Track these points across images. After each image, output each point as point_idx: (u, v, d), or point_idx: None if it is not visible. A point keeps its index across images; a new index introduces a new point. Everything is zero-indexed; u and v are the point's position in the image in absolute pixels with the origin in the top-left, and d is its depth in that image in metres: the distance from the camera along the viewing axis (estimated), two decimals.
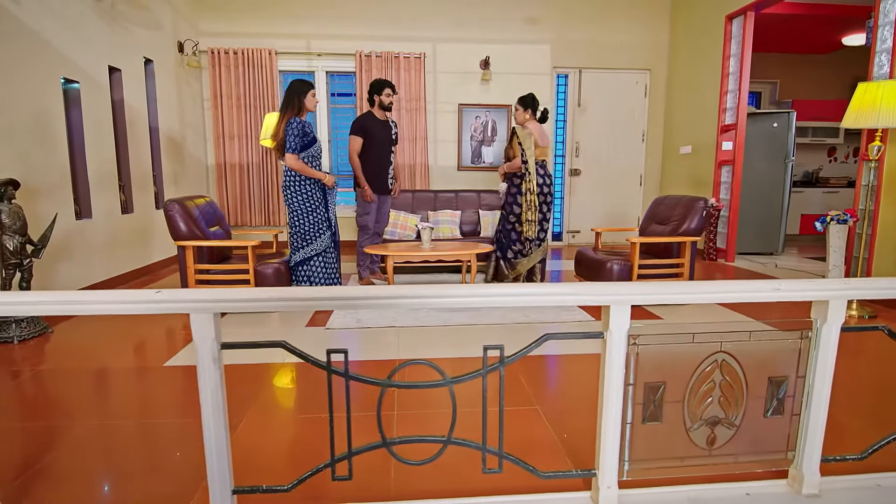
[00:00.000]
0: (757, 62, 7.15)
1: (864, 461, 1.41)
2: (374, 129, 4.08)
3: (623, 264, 3.49)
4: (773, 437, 1.38)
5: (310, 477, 1.28)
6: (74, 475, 1.60)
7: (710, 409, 1.34)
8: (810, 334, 1.33)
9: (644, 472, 1.36)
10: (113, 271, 3.97)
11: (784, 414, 1.37)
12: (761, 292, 1.25)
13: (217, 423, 1.22)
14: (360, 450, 1.27)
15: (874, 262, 3.56)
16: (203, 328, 1.18)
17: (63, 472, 1.60)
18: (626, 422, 1.32)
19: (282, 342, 1.22)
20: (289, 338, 2.88)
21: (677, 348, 1.31)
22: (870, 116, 2.99)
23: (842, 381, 2.31)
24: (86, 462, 1.67)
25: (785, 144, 5.56)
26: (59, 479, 1.57)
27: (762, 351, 1.33)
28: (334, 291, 1.24)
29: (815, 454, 1.37)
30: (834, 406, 2.01)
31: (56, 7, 3.36)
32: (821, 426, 1.36)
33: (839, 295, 1.28)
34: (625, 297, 1.23)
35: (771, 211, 5.63)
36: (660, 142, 6.52)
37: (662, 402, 1.33)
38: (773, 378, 1.35)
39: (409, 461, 1.28)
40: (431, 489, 1.49)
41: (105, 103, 3.91)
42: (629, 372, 1.30)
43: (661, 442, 1.35)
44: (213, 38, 5.70)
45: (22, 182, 3.06)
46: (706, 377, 1.32)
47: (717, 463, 1.37)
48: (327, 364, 1.23)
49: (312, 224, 3.34)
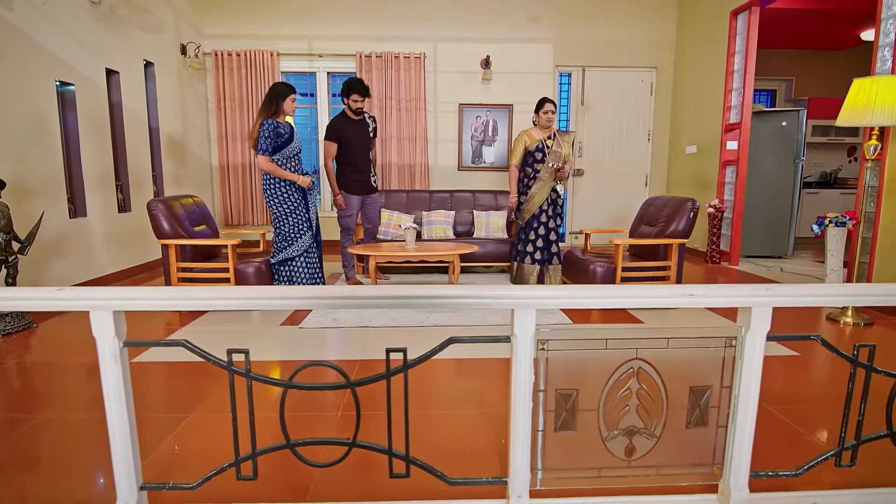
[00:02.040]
0: (771, 59, 6.94)
1: (799, 478, 1.34)
2: (349, 131, 3.92)
3: (606, 266, 3.41)
4: (697, 450, 1.32)
5: (214, 476, 1.28)
6: (9, 464, 1.64)
7: (628, 418, 1.29)
8: (734, 343, 1.27)
9: (559, 482, 1.31)
10: (109, 268, 4.08)
11: (709, 425, 1.31)
12: (673, 298, 1.19)
13: (121, 421, 1.23)
14: (264, 450, 1.27)
15: (875, 267, 3.39)
16: (103, 326, 1.19)
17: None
18: (537, 429, 1.29)
19: (182, 341, 1.23)
20: (259, 336, 2.95)
21: (590, 354, 1.26)
22: (864, 114, 2.85)
23: (798, 393, 2.21)
24: (27, 453, 1.71)
25: (794, 143, 5.35)
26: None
27: (682, 359, 1.27)
28: (231, 292, 1.23)
29: (743, 469, 1.30)
30: (778, 419, 1.94)
31: (51, 12, 3.47)
32: (748, 439, 1.29)
33: (763, 302, 1.21)
34: (529, 300, 1.19)
35: (779, 213, 5.43)
36: (666, 141, 6.36)
37: (576, 410, 1.28)
38: (695, 388, 1.29)
39: (313, 463, 1.27)
40: (338, 492, 1.48)
41: (102, 105, 4.02)
42: (539, 378, 1.26)
43: (576, 451, 1.30)
44: (218, 40, 5.81)
45: (15, 182, 3.17)
46: (621, 385, 1.27)
47: (637, 475, 1.32)
48: (228, 363, 1.22)
49: (293, 225, 3.37)
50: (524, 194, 3.76)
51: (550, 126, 3.72)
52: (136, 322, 3.13)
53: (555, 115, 3.68)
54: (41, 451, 1.74)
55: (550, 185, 3.67)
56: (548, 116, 3.65)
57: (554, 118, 3.68)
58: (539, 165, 3.68)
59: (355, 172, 4.00)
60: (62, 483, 1.56)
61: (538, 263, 3.77)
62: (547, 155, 3.67)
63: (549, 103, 3.66)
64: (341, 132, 3.89)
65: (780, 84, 7.01)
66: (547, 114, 3.65)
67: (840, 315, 3.18)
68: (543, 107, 3.67)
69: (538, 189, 3.68)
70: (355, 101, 3.84)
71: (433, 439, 1.81)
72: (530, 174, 3.72)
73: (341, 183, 3.99)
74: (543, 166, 3.66)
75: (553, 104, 3.66)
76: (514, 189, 3.83)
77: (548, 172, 3.65)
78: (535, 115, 3.77)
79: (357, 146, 3.94)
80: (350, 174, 3.99)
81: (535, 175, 3.69)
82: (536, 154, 3.70)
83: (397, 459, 1.28)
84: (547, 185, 3.67)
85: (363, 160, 4.00)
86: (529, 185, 3.72)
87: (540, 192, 3.68)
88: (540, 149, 3.69)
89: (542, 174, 3.66)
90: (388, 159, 6.00)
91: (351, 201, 4.01)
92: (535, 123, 3.81)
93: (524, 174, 3.77)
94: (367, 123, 4.03)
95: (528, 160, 3.74)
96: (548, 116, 3.65)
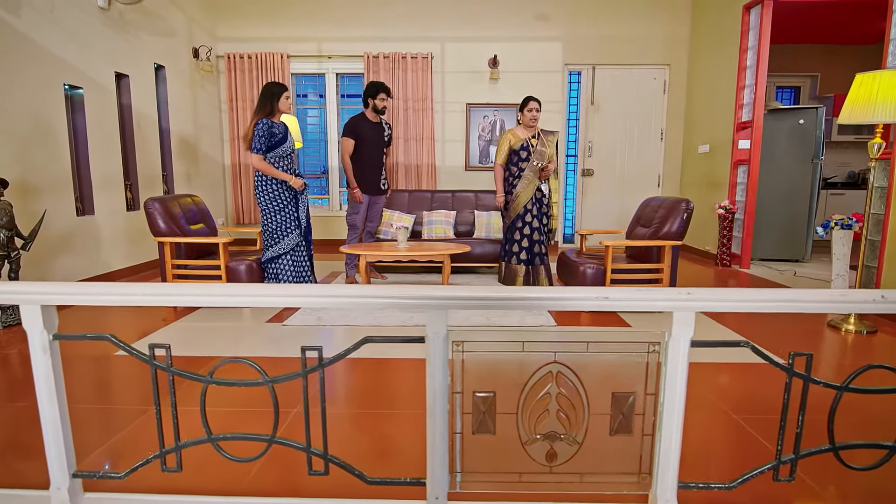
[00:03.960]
0: (795, 54, 6.66)
1: (733, 491, 1.28)
2: (365, 131, 4.16)
3: (596, 268, 3.35)
4: (623, 458, 1.28)
5: (141, 467, 1.32)
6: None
7: (548, 423, 1.26)
8: (658, 349, 1.23)
9: (480, 486, 1.30)
10: (117, 265, 4.24)
11: (634, 433, 1.27)
12: (587, 301, 1.16)
13: (52, 410, 1.28)
14: (187, 444, 1.30)
15: (883, 272, 3.22)
16: (33, 319, 1.24)
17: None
18: (454, 431, 1.27)
19: (107, 335, 1.27)
20: (241, 333, 3.01)
21: (507, 357, 1.24)
22: (865, 110, 2.71)
23: (750, 403, 2.11)
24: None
25: (813, 142, 5.12)
26: None
27: (603, 364, 1.24)
28: (160, 289, 1.26)
29: (671, 479, 1.26)
30: (723, 428, 1.87)
31: (59, 18, 3.63)
32: (675, 448, 1.24)
33: (683, 307, 1.16)
34: (440, 301, 1.18)
35: (796, 215, 5.21)
36: (680, 141, 6.19)
37: (494, 413, 1.27)
38: (617, 394, 1.25)
39: (233, 458, 1.29)
40: (261, 487, 1.51)
41: (111, 107, 4.18)
42: (455, 379, 1.25)
43: (496, 455, 1.28)
44: (231, 43, 5.97)
45: (22, 181, 3.34)
46: (540, 389, 1.25)
47: (560, 481, 1.29)
48: (150, 358, 1.26)
49: (280, 223, 3.43)
50: (510, 193, 3.73)
51: (535, 125, 3.68)
52: (131, 316, 3.25)
53: (539, 114, 3.65)
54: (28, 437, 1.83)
55: (535, 184, 3.63)
56: (532, 115, 3.62)
57: (538, 116, 3.64)
58: (524, 164, 3.65)
59: (366, 172, 4.20)
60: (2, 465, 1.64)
61: (524, 263, 3.73)
62: (531, 154, 3.63)
63: (534, 101, 3.62)
64: (359, 130, 4.12)
65: (805, 80, 6.72)
66: (531, 112, 3.61)
67: (842, 323, 3.03)
68: (527, 105, 3.63)
69: (523, 188, 3.64)
70: (382, 99, 4.09)
71: (358, 439, 1.84)
72: (515, 173, 3.69)
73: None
74: (528, 165, 3.62)
75: (537, 103, 3.63)
76: (500, 189, 3.81)
77: (532, 171, 3.61)
78: (519, 113, 3.74)
79: (370, 147, 4.16)
80: (361, 173, 4.18)
81: (520, 174, 3.65)
82: (521, 153, 3.66)
83: (316, 457, 1.29)
84: (532, 184, 3.63)
85: (375, 161, 4.20)
86: (514, 185, 3.69)
87: (525, 191, 3.64)
88: (524, 147, 3.65)
89: (526, 173, 3.62)
90: (396, 159, 6.03)
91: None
92: (519, 122, 3.77)
93: (509, 173, 3.74)
94: (383, 128, 4.27)
95: (513, 159, 3.71)
96: (532, 115, 3.62)
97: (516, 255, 3.74)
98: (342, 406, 2.08)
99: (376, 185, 4.29)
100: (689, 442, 1.77)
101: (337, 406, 2.06)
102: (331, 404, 2.05)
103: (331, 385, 2.26)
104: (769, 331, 3.04)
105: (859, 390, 1.23)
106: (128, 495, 1.38)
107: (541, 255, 3.74)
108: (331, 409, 2.01)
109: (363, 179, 4.21)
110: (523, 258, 3.72)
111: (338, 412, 2.00)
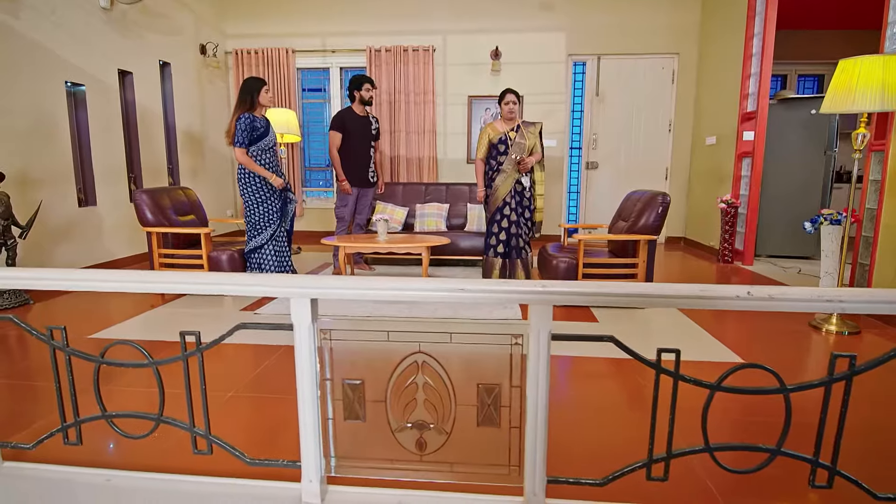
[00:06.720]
0: (816, 41, 6.32)
1: (604, 488, 1.27)
2: (353, 124, 4.27)
3: (569, 262, 3.30)
4: (492, 449, 1.29)
5: (46, 439, 1.41)
6: None
7: (416, 412, 1.28)
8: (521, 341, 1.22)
9: (354, 470, 1.33)
10: (119, 253, 4.47)
11: (501, 426, 1.27)
12: (443, 292, 1.17)
13: None
14: (85, 419, 1.39)
15: (875, 271, 3.04)
16: None
17: None
18: (326, 417, 1.31)
19: (10, 317, 1.36)
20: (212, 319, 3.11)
21: (374, 346, 1.27)
22: (845, 99, 2.56)
23: (634, 400, 2.04)
24: None
25: (826, 133, 4.86)
26: None
27: (467, 355, 1.25)
28: (90, 275, 1.34)
29: (538, 473, 1.26)
30: (602, 425, 1.84)
31: (60, 19, 3.83)
32: (541, 441, 1.24)
33: (539, 300, 1.16)
34: (303, 290, 1.22)
35: (806, 209, 4.95)
36: (689, 132, 5.99)
37: (364, 401, 1.29)
38: (482, 385, 1.26)
39: (128, 434, 1.37)
40: (151, 462, 1.60)
41: (114, 103, 4.38)
42: (325, 367, 1.28)
43: (368, 441, 1.31)
44: (238, 39, 6.14)
45: (23, 174, 3.56)
46: (406, 378, 1.27)
47: (430, 469, 1.31)
48: (49, 338, 1.34)
49: (263, 214, 3.53)
50: (489, 187, 3.71)
51: (514, 118, 3.64)
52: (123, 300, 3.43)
53: (516, 107, 3.60)
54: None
55: (514, 177, 3.59)
56: (509, 108, 3.58)
57: (515, 109, 3.60)
58: (502, 158, 3.62)
59: (354, 165, 4.31)
60: None
61: (501, 257, 3.71)
62: (510, 147, 3.59)
63: (511, 94, 3.58)
64: (346, 124, 4.25)
65: (828, 68, 6.35)
66: (508, 105, 3.58)
67: (823, 323, 2.89)
68: (504, 98, 3.60)
69: (502, 182, 3.61)
70: (367, 90, 4.23)
71: (246, 421, 1.91)
72: (494, 167, 3.67)
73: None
74: (507, 158, 3.59)
75: (515, 95, 3.58)
76: (480, 183, 3.79)
77: (511, 164, 3.58)
78: (497, 106, 3.71)
79: (358, 140, 4.28)
80: (348, 166, 4.29)
81: (499, 168, 3.62)
82: (500, 146, 3.63)
83: (200, 438, 1.35)
84: (511, 177, 3.60)
85: (363, 154, 4.32)
86: (494, 178, 3.66)
87: (504, 184, 3.61)
88: (503, 141, 3.62)
89: (504, 166, 3.59)
90: (397, 152, 6.08)
91: None
92: (499, 115, 3.74)
93: (489, 167, 3.72)
94: (370, 122, 4.38)
95: (493, 153, 3.68)
96: (509, 108, 3.58)
97: (493, 248, 3.73)
98: (229, 390, 2.13)
99: (364, 178, 4.39)
100: (564, 437, 1.77)
101: (222, 390, 2.11)
102: (217, 388, 2.11)
103: (220, 369, 2.33)
104: (743, 331, 2.94)
105: (731, 390, 1.20)
106: (36, 465, 1.48)
107: (518, 248, 3.71)
108: (218, 393, 2.07)
109: (351, 172, 4.32)
110: (500, 251, 3.70)
111: (224, 395, 2.07)
